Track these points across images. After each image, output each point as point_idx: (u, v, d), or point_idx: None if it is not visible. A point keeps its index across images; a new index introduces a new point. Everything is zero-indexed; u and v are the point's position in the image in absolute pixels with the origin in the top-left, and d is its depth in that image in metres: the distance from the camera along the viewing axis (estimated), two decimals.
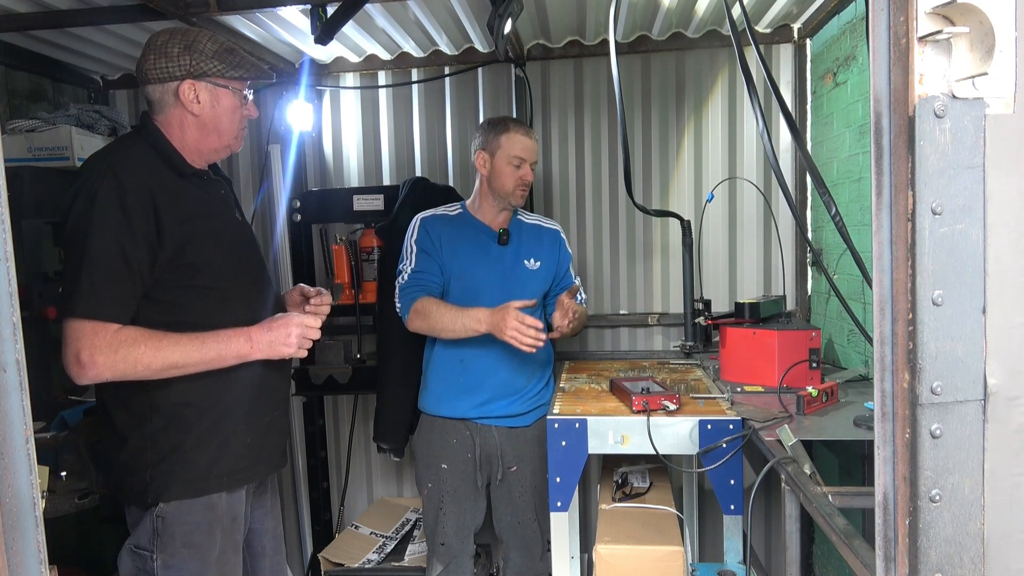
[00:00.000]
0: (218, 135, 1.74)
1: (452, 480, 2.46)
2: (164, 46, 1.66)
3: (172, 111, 1.70)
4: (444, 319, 2.27)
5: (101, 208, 1.53)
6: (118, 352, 1.52)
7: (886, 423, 0.91)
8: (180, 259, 1.62)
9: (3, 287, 0.84)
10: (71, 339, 1.51)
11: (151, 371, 1.56)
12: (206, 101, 1.69)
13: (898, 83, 0.88)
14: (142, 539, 1.66)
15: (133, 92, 3.39)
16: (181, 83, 1.67)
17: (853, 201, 2.52)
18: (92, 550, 2.83)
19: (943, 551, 0.89)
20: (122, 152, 1.64)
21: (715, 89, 3.12)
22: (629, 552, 2.02)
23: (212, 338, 1.62)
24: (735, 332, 2.40)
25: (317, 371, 3.02)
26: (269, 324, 1.70)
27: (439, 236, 2.45)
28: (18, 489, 0.86)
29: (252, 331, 1.67)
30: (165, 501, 1.64)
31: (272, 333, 1.68)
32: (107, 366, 1.52)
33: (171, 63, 1.65)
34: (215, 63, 1.68)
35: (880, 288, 0.91)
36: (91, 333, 1.51)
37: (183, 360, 1.58)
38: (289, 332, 1.69)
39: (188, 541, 1.66)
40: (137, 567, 1.66)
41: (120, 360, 1.52)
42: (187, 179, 1.71)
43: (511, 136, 2.37)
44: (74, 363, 1.51)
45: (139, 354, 1.54)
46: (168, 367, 1.57)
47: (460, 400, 2.43)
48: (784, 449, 1.69)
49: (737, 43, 1.79)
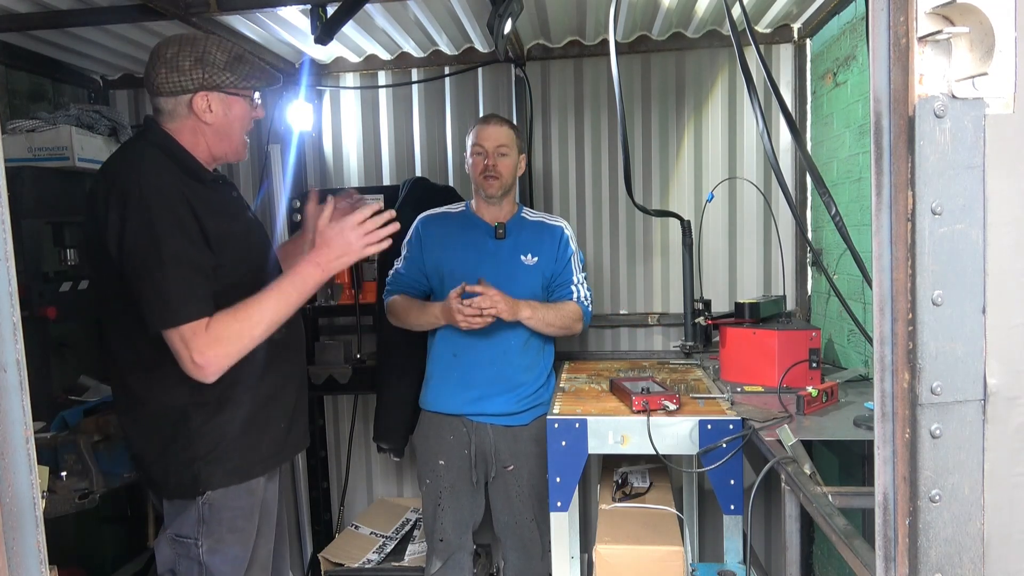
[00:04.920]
0: (229, 140, 1.78)
1: (449, 476, 2.47)
2: (175, 59, 1.67)
3: (185, 121, 1.72)
4: (410, 318, 2.47)
5: (161, 223, 1.57)
6: (221, 340, 1.59)
7: (886, 423, 0.91)
8: (220, 259, 1.67)
9: (3, 287, 0.84)
10: (180, 348, 1.58)
11: (254, 338, 1.63)
12: (219, 110, 1.72)
13: (898, 83, 0.88)
14: (185, 527, 1.70)
15: (133, 92, 3.39)
16: (194, 95, 1.69)
17: (853, 201, 2.52)
18: (92, 550, 2.83)
19: (943, 551, 0.89)
20: (148, 165, 1.65)
21: (715, 89, 3.12)
22: (629, 552, 2.02)
23: (287, 283, 1.67)
24: (735, 332, 2.40)
25: (317, 371, 3.02)
26: (326, 243, 1.70)
27: (431, 236, 2.51)
28: (18, 489, 0.86)
29: (315, 256, 1.70)
30: (212, 489, 1.70)
31: (331, 246, 1.70)
32: (221, 355, 1.59)
33: (183, 76, 1.67)
34: (227, 75, 1.70)
35: (880, 288, 0.91)
36: (191, 336, 1.57)
37: (273, 314, 1.65)
38: (347, 240, 1.70)
39: (233, 526, 1.73)
40: (179, 554, 1.72)
41: (226, 343, 1.59)
42: (206, 184, 1.74)
43: (475, 129, 2.47)
44: (193, 368, 1.58)
45: (239, 331, 1.60)
46: (267, 327, 1.64)
47: (455, 395, 2.45)
48: (784, 449, 1.69)
49: (737, 43, 1.79)
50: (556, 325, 2.45)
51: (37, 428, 2.27)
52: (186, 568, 1.72)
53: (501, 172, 2.42)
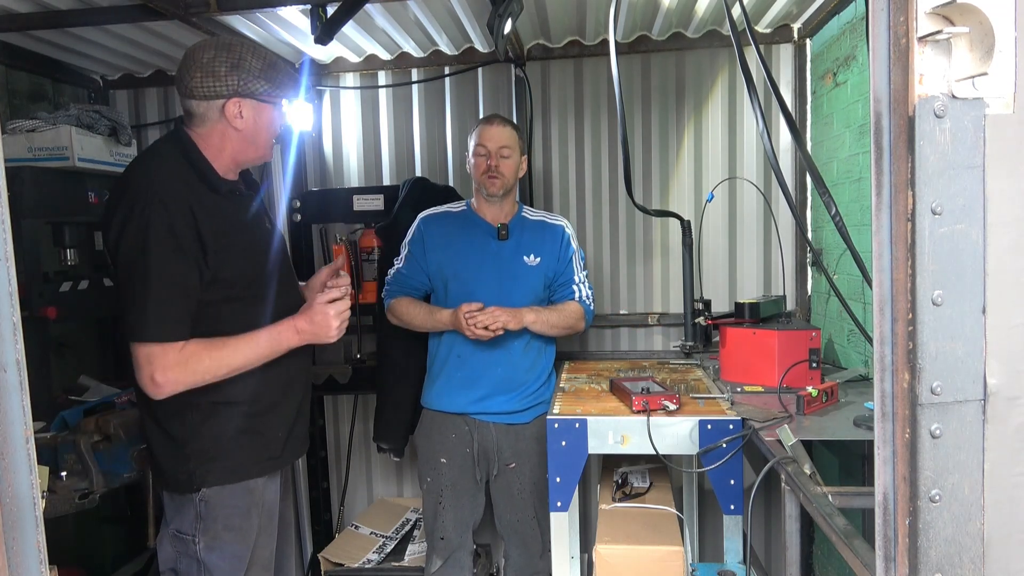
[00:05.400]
0: (256, 147, 1.80)
1: (451, 474, 2.48)
2: (211, 64, 1.68)
3: (215, 126, 1.74)
4: (416, 320, 2.48)
5: (155, 237, 1.60)
6: (187, 366, 1.63)
7: (886, 423, 0.91)
8: (219, 273, 1.69)
9: (3, 287, 0.84)
10: (143, 363, 1.61)
11: (216, 376, 1.67)
12: (250, 117, 1.73)
13: (898, 83, 0.88)
14: (184, 524, 1.73)
15: (133, 92, 3.39)
16: (228, 101, 1.70)
17: (853, 201, 2.52)
18: (92, 550, 2.83)
19: (943, 551, 0.89)
20: (164, 173, 1.68)
21: (715, 89, 3.12)
22: (629, 552, 2.02)
23: (265, 336, 1.73)
24: (735, 332, 2.40)
25: (317, 371, 3.02)
26: (309, 315, 1.79)
27: (433, 236, 2.51)
28: (18, 489, 0.86)
29: (296, 322, 1.78)
30: (208, 487, 1.72)
31: (313, 323, 1.78)
32: (180, 381, 1.63)
33: (218, 82, 1.68)
34: (262, 83, 1.72)
35: (880, 288, 0.91)
36: (161, 354, 1.61)
37: (242, 362, 1.70)
38: (328, 319, 1.78)
39: (229, 524, 1.74)
40: (179, 551, 1.74)
41: (190, 373, 1.63)
42: (221, 195, 1.75)
43: (477, 130, 2.48)
44: (150, 384, 1.62)
45: (205, 365, 1.65)
46: (231, 371, 1.69)
47: (458, 395, 2.45)
48: (784, 449, 1.69)
49: (737, 43, 1.79)
50: (560, 326, 2.47)
51: (37, 428, 2.27)
52: (186, 566, 1.74)
53: (503, 172, 2.43)
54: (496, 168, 2.41)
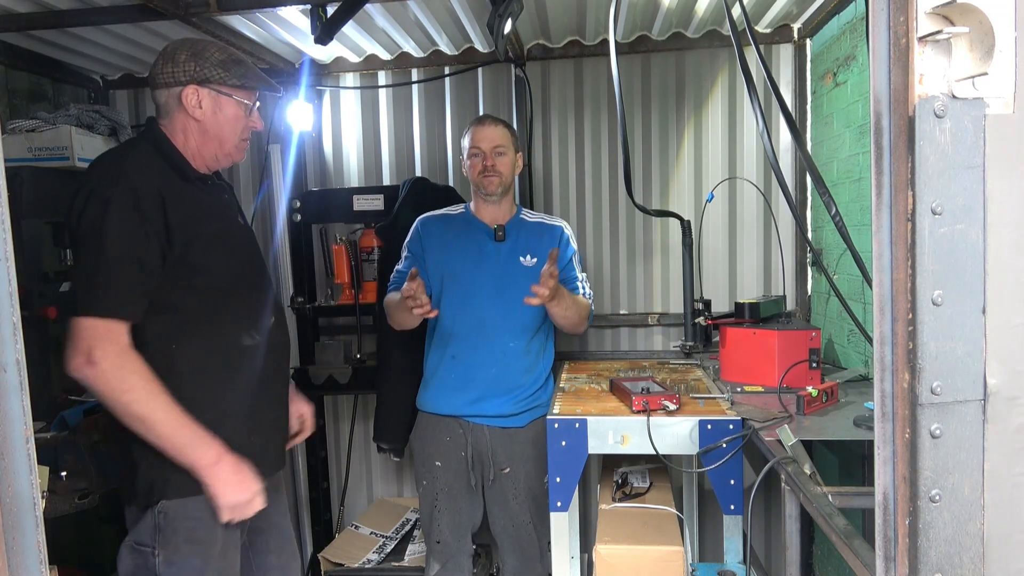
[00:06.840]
0: (219, 142, 1.77)
1: (446, 477, 2.47)
2: (173, 52, 1.70)
3: (176, 115, 1.73)
4: (395, 313, 2.43)
5: (116, 211, 1.56)
6: (123, 366, 1.54)
7: (886, 423, 0.91)
8: (184, 259, 1.65)
9: (3, 287, 0.84)
10: (84, 336, 1.53)
11: (125, 408, 1.56)
12: (208, 107, 1.72)
13: (898, 83, 0.88)
14: (143, 535, 1.66)
15: (133, 92, 3.39)
16: (185, 88, 1.70)
17: (853, 201, 2.52)
18: (92, 550, 2.83)
19: (943, 551, 0.89)
20: (131, 157, 1.67)
21: (715, 89, 3.12)
22: (629, 552, 2.02)
23: (190, 429, 1.60)
24: (735, 332, 2.40)
25: (317, 371, 3.02)
26: (240, 471, 1.66)
27: (430, 237, 2.50)
28: (18, 489, 0.86)
29: (225, 456, 1.64)
30: (167, 498, 1.65)
31: (238, 478, 1.65)
32: (108, 371, 1.53)
33: (177, 68, 1.69)
34: (219, 71, 1.71)
35: (880, 288, 0.91)
36: (104, 332, 1.54)
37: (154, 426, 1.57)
38: (251, 492, 1.67)
39: (190, 537, 1.67)
40: (137, 564, 1.67)
41: (117, 374, 1.54)
42: (191, 183, 1.73)
43: (470, 132, 2.47)
44: (85, 362, 1.53)
45: (131, 384, 1.55)
46: (139, 417, 1.57)
47: (452, 397, 2.44)
48: (784, 449, 1.69)
49: (737, 43, 1.79)
50: (573, 315, 2.39)
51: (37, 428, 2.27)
52: None
53: (500, 170, 2.42)
54: (492, 167, 2.41)
